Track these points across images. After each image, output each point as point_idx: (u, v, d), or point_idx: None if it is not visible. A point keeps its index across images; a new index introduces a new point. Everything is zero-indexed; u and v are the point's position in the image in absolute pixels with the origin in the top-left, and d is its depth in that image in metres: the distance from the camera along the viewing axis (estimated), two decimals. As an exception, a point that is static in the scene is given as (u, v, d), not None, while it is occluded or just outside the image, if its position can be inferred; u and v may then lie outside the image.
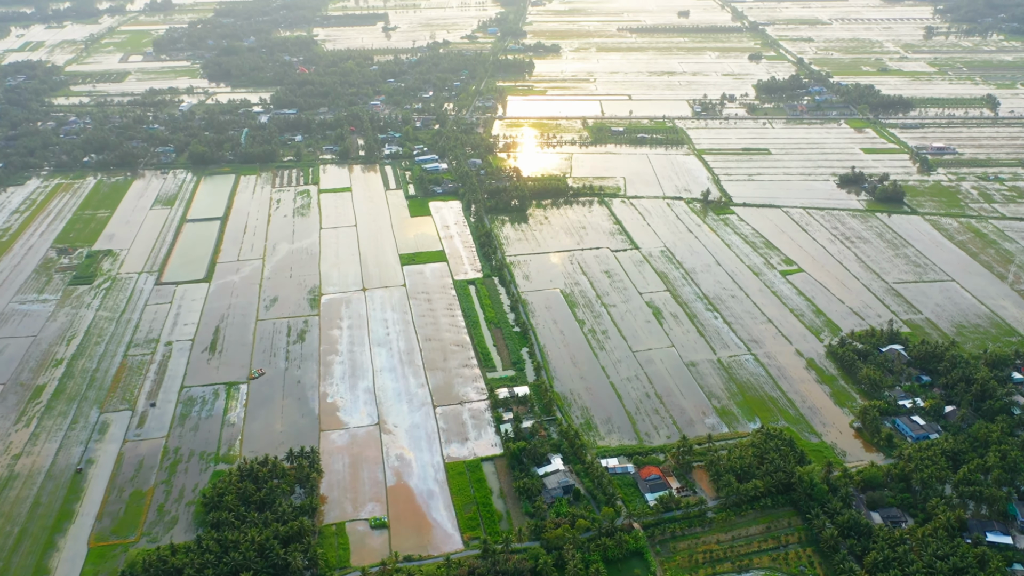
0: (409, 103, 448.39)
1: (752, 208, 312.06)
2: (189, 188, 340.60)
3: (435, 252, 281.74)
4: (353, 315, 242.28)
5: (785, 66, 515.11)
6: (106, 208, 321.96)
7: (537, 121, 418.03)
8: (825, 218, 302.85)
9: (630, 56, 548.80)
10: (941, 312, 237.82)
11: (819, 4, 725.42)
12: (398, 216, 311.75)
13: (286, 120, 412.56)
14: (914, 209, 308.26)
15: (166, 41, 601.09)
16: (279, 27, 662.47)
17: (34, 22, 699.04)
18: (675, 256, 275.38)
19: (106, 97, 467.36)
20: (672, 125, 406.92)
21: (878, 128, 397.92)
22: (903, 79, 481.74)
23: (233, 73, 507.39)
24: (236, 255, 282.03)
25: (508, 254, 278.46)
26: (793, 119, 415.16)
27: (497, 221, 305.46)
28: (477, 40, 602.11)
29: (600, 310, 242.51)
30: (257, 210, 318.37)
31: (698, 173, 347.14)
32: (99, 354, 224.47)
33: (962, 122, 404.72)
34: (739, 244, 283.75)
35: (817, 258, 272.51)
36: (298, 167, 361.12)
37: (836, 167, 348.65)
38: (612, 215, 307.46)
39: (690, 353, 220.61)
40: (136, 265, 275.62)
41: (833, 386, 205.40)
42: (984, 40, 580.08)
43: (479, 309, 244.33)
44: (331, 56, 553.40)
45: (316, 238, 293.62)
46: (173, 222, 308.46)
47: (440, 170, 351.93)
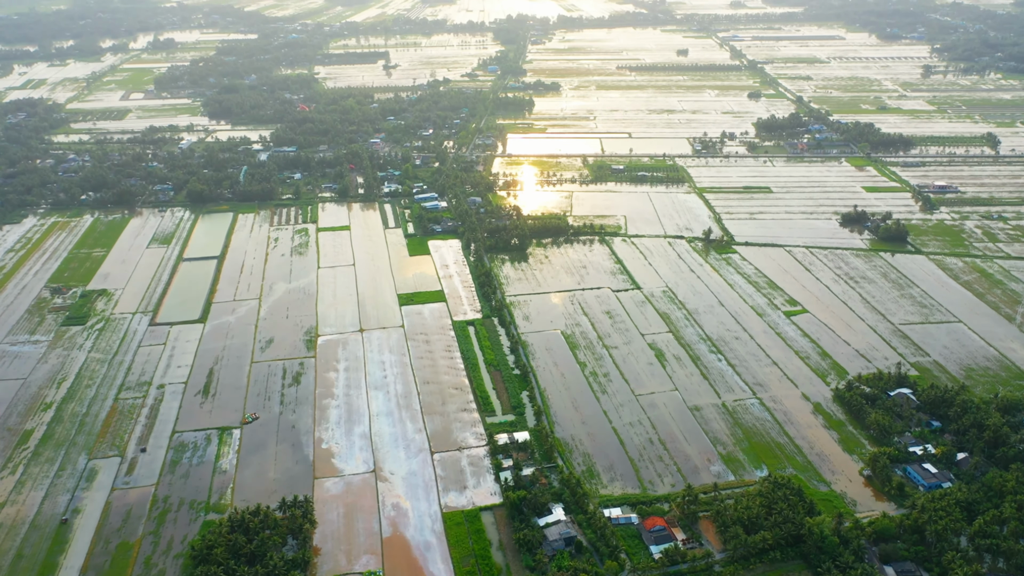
0: (409, 141, 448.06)
1: (754, 247, 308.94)
2: (186, 226, 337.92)
3: (434, 292, 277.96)
4: (350, 357, 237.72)
5: (784, 104, 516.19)
6: (102, 247, 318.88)
7: (537, 159, 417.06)
8: (828, 257, 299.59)
9: (630, 94, 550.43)
10: (949, 354, 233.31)
11: (817, 43, 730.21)
12: (397, 255, 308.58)
13: (285, 158, 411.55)
14: (918, 248, 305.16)
15: (167, 79, 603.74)
16: (280, 65, 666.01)
17: (37, 60, 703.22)
18: (677, 296, 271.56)
19: (106, 135, 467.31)
20: (672, 163, 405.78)
21: (879, 166, 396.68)
22: (902, 117, 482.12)
23: (233, 111, 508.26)
24: (232, 295, 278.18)
25: (508, 294, 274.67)
26: (794, 157, 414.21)
27: (497, 260, 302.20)
28: (477, 78, 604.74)
29: (602, 352, 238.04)
30: (254, 249, 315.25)
31: (699, 211, 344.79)
32: (90, 397, 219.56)
33: (963, 160, 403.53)
34: (742, 284, 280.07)
35: (821, 298, 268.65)
36: (297, 205, 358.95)
37: (838, 205, 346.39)
38: (613, 254, 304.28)
39: (694, 397, 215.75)
40: (130, 305, 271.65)
41: (841, 432, 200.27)
42: (982, 79, 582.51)
43: (478, 351, 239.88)
44: (332, 94, 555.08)
45: (314, 277, 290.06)
46: (169, 261, 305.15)
47: (439, 208, 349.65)
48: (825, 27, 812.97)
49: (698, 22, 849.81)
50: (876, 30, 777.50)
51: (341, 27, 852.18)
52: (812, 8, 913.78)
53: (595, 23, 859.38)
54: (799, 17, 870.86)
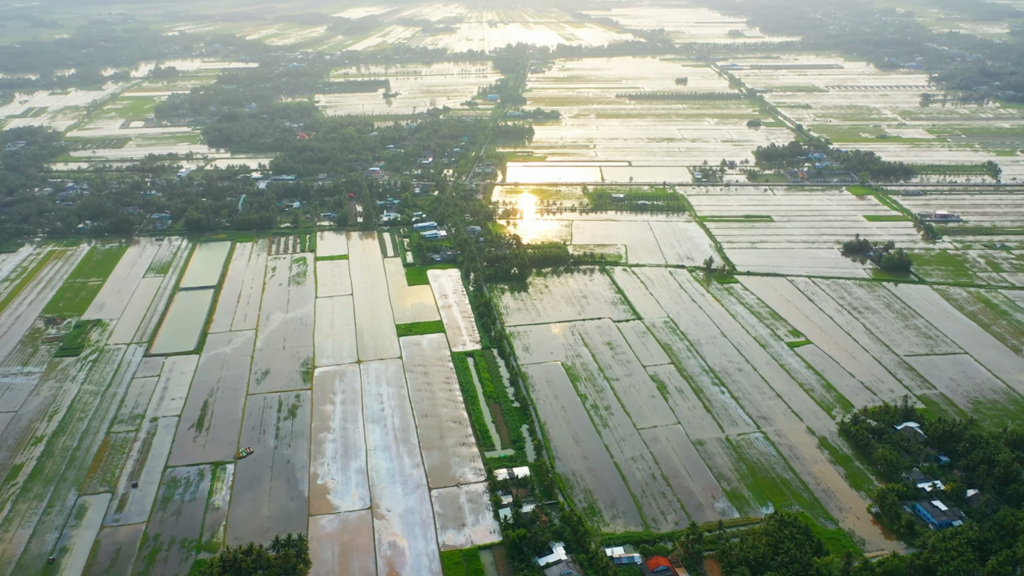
0: (408, 169, 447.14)
1: (756, 277, 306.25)
2: (184, 255, 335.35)
3: (433, 322, 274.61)
4: (347, 389, 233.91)
5: (784, 132, 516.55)
6: (98, 276, 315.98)
7: (537, 187, 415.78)
8: (831, 287, 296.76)
9: (629, 122, 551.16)
10: (956, 387, 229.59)
11: (815, 72, 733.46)
12: (395, 284, 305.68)
13: (284, 186, 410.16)
14: (921, 278, 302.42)
15: (168, 107, 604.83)
16: (281, 93, 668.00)
17: (39, 88, 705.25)
18: (679, 327, 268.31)
19: (105, 163, 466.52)
20: (673, 191, 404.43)
21: (880, 195, 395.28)
22: (902, 146, 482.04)
23: (233, 139, 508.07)
24: (228, 325, 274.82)
25: (508, 324, 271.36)
26: (794, 186, 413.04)
27: (496, 290, 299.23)
28: (477, 107, 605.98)
29: (603, 384, 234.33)
30: (252, 278, 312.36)
31: (700, 240, 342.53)
32: (81, 431, 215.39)
33: (964, 189, 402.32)
34: (744, 314, 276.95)
35: (825, 329, 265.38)
36: (295, 234, 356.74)
37: (840, 234, 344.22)
38: (614, 284, 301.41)
39: (697, 431, 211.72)
40: (125, 336, 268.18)
41: (848, 467, 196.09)
42: (980, 107, 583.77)
43: (478, 383, 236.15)
44: (332, 122, 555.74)
45: (311, 307, 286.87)
46: (166, 290, 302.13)
47: (439, 237, 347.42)
48: (823, 56, 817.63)
49: (696, 51, 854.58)
50: (874, 59, 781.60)
51: (342, 56, 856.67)
52: (809, 38, 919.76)
53: (594, 52, 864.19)
54: (797, 46, 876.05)
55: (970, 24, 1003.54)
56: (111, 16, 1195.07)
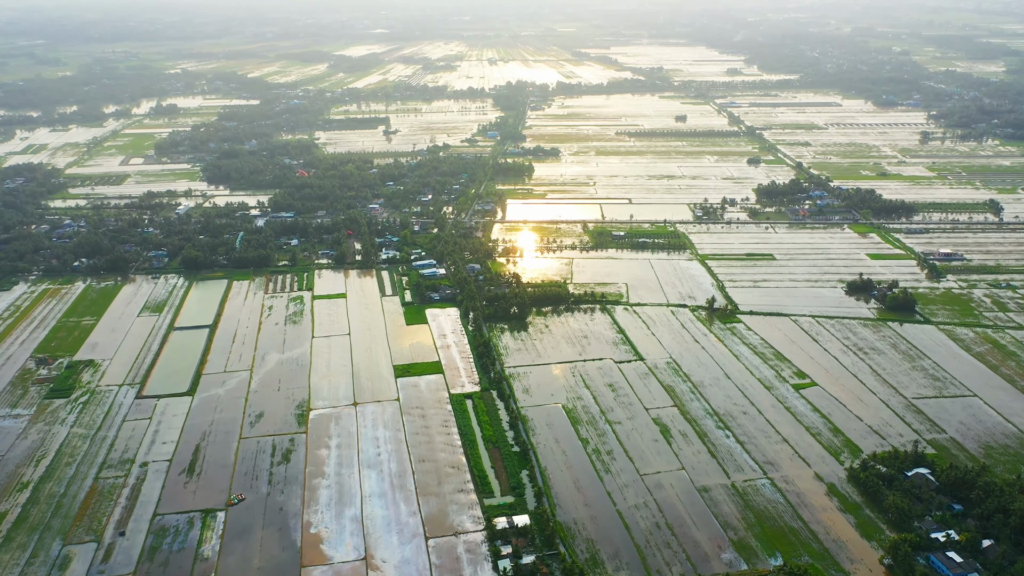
0: (408, 206, 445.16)
1: (759, 316, 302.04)
2: (180, 294, 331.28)
3: (431, 363, 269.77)
4: (343, 433, 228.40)
5: (784, 170, 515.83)
6: (92, 315, 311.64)
7: (537, 225, 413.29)
8: (836, 327, 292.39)
9: (629, 160, 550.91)
10: (966, 431, 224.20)
11: (814, 109, 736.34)
12: (393, 324, 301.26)
13: (283, 224, 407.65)
14: (927, 318, 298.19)
15: (168, 144, 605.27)
16: (281, 130, 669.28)
17: (40, 125, 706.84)
18: (682, 368, 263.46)
19: (103, 200, 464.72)
20: (673, 229, 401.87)
21: (882, 233, 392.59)
22: (903, 183, 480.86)
23: (232, 176, 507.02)
24: (223, 366, 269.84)
25: (507, 365, 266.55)
26: (796, 223, 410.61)
27: (496, 329, 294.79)
28: (477, 144, 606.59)
29: (604, 428, 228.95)
30: (248, 317, 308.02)
31: (702, 279, 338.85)
32: (69, 476, 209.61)
33: (967, 227, 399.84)
34: (748, 355, 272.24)
35: (830, 371, 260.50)
36: (293, 272, 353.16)
37: (843, 273, 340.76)
38: (615, 323, 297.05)
39: (702, 477, 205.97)
40: (117, 376, 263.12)
41: (858, 515, 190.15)
42: (980, 145, 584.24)
43: (476, 426, 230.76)
44: (331, 159, 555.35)
45: (307, 348, 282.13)
46: (160, 330, 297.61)
47: (438, 275, 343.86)
48: (821, 94, 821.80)
49: (695, 89, 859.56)
50: (872, 97, 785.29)
51: (343, 93, 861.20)
52: (807, 76, 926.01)
53: (593, 90, 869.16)
54: (795, 84, 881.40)
55: (966, 63, 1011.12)
56: (115, 54, 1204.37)
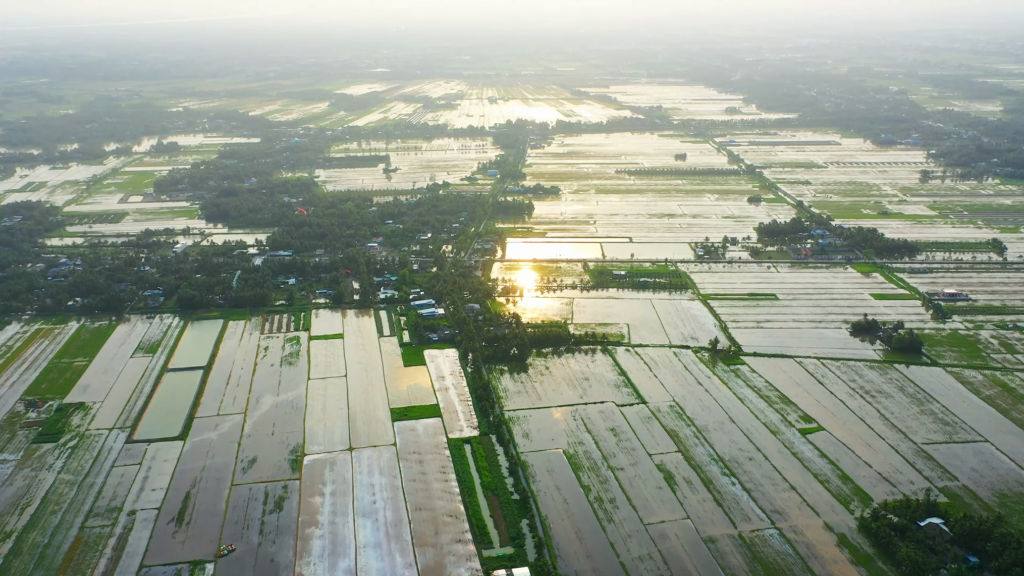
0: (407, 245, 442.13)
1: (763, 358, 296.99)
2: (174, 334, 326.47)
3: (429, 406, 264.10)
4: (337, 479, 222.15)
5: (785, 209, 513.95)
6: (84, 356, 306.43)
7: (537, 264, 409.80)
8: (841, 369, 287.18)
9: (629, 198, 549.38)
10: (979, 479, 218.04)
11: (813, 148, 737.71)
12: (391, 365, 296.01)
13: (280, 262, 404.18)
14: (934, 360, 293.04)
15: (167, 182, 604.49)
16: (281, 168, 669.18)
17: (40, 163, 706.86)
18: (685, 412, 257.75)
19: (100, 238, 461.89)
20: (675, 268, 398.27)
21: (886, 273, 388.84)
22: (905, 222, 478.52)
23: (231, 214, 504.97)
24: (216, 409, 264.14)
25: (507, 409, 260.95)
26: (798, 263, 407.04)
27: (495, 371, 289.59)
28: (477, 182, 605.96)
29: (607, 474, 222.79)
30: (243, 358, 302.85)
31: (704, 319, 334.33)
32: (54, 525, 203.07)
33: (971, 267, 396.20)
34: (753, 398, 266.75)
35: (837, 415, 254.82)
36: (289, 312, 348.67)
37: (847, 313, 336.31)
38: (616, 365, 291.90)
39: (707, 527, 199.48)
40: (108, 420, 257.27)
41: (870, 568, 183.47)
42: (980, 184, 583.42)
43: (475, 473, 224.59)
44: (331, 197, 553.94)
45: (303, 390, 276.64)
46: (153, 371, 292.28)
47: (436, 315, 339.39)
48: (820, 132, 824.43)
49: (694, 127, 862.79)
50: (871, 136, 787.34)
51: (343, 131, 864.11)
52: (806, 114, 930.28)
53: (593, 128, 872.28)
54: (793, 123, 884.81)
55: (963, 102, 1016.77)
56: (117, 92, 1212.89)
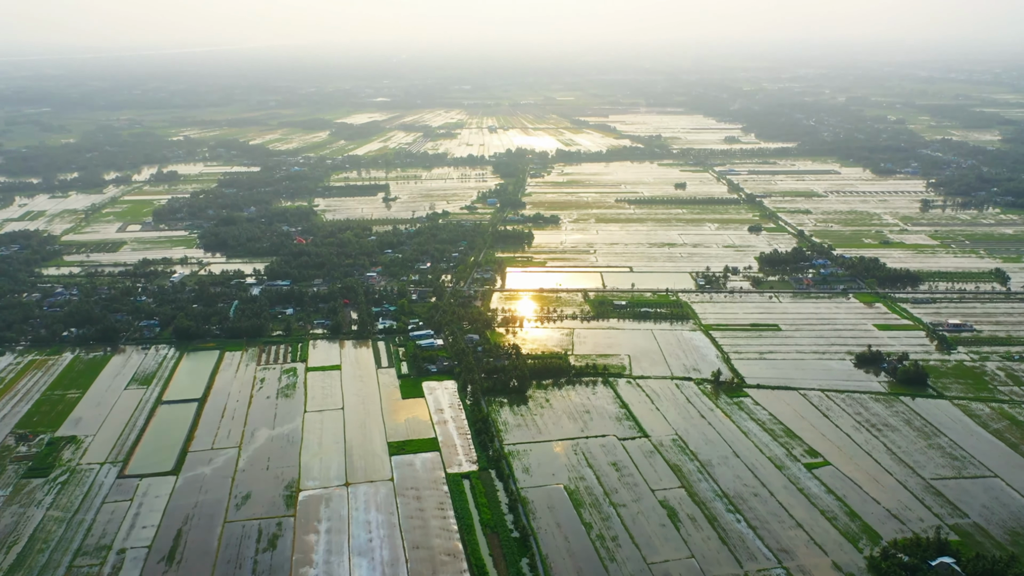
0: (406, 275, 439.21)
1: (767, 390, 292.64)
2: (169, 365, 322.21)
3: (427, 440, 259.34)
4: (333, 516, 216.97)
5: (786, 238, 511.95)
6: (78, 388, 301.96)
7: (537, 293, 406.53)
8: (846, 402, 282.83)
9: (629, 227, 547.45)
10: (990, 516, 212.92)
11: (813, 177, 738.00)
12: (388, 398, 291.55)
13: (278, 292, 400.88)
14: (940, 393, 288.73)
15: (166, 211, 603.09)
16: (281, 197, 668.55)
17: (39, 192, 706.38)
18: (688, 446, 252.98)
19: (98, 267, 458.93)
20: (676, 298, 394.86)
21: (889, 303, 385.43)
22: (907, 252, 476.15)
23: (229, 243, 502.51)
24: (210, 443, 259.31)
25: (507, 442, 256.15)
26: (800, 293, 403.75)
27: (495, 404, 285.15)
28: (476, 211, 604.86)
29: (609, 511, 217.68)
30: (239, 390, 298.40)
31: (706, 351, 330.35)
32: (40, 564, 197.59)
33: (974, 297, 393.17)
34: (757, 432, 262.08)
35: (843, 449, 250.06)
36: (287, 343, 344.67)
37: (851, 345, 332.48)
38: (618, 397, 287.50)
39: (713, 566, 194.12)
40: (100, 454, 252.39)
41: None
42: (981, 213, 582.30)
43: (474, 509, 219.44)
44: (330, 226, 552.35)
45: (299, 423, 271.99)
46: (147, 404, 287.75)
47: (435, 346, 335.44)
48: (819, 162, 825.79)
49: (694, 156, 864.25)
50: (870, 165, 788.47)
51: (343, 160, 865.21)
52: (805, 144, 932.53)
53: (593, 157, 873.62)
54: (793, 152, 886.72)
55: (961, 131, 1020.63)
56: (119, 121, 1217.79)
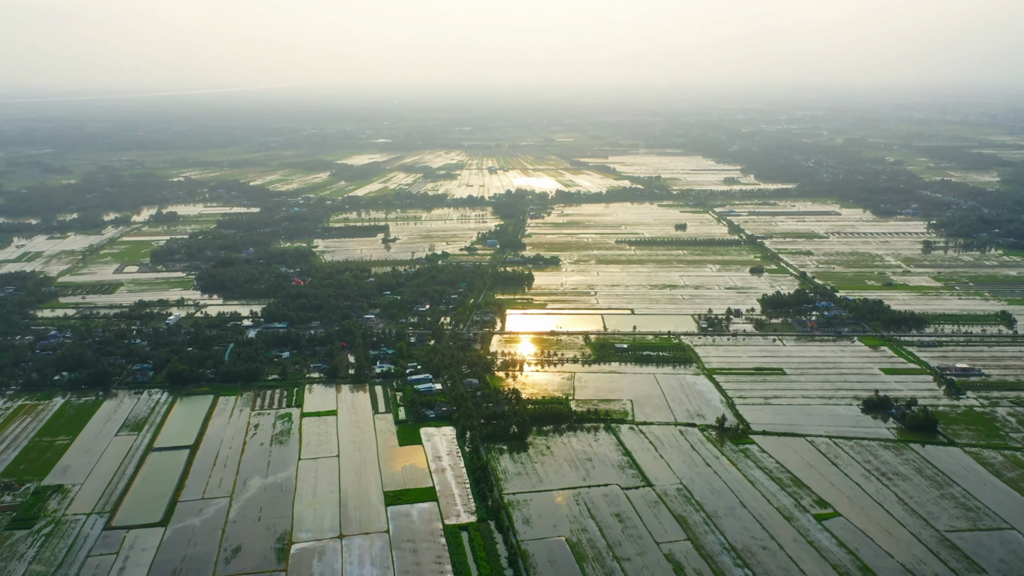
0: (405, 317, 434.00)
1: (773, 437, 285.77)
2: (162, 410, 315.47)
3: (424, 489, 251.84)
4: (326, 570, 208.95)
5: (788, 280, 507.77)
6: (67, 434, 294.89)
7: (537, 336, 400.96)
8: (855, 449, 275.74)
9: (630, 268, 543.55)
10: (1009, 571, 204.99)
11: (813, 218, 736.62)
12: (385, 445, 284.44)
13: (275, 335, 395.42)
14: (951, 440, 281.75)
15: (164, 252, 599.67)
16: (280, 238, 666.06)
17: (38, 233, 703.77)
18: (693, 496, 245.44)
19: (93, 309, 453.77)
20: (678, 342, 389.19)
21: (894, 346, 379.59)
22: (910, 294, 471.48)
23: (227, 285, 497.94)
24: (201, 492, 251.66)
25: (506, 492, 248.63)
26: (804, 336, 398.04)
27: (494, 451, 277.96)
28: (476, 252, 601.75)
29: (612, 565, 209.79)
30: (232, 437, 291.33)
31: (710, 395, 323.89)
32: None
33: (981, 340, 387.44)
34: (764, 481, 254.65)
35: (854, 499, 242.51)
36: (282, 387, 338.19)
37: (857, 389, 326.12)
38: (620, 444, 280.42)
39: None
40: (87, 504, 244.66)
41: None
42: (983, 255, 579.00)
43: (472, 563, 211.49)
44: (329, 267, 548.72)
45: (293, 471, 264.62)
46: (138, 451, 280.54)
47: (433, 391, 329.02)
48: (819, 203, 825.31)
49: (694, 197, 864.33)
50: (870, 206, 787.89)
51: (343, 201, 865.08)
52: (804, 185, 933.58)
53: (592, 198, 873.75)
54: (792, 193, 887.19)
55: (960, 172, 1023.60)
56: (120, 162, 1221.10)
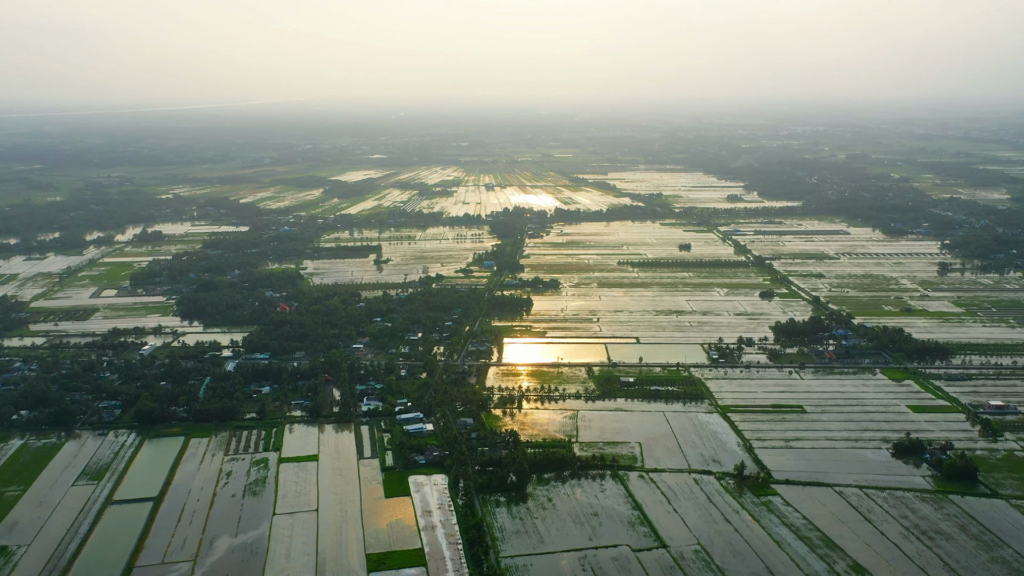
0: (395, 346, 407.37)
1: (797, 487, 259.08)
2: (127, 455, 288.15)
3: (412, 551, 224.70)
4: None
5: (800, 305, 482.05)
6: (20, 484, 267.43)
7: (536, 368, 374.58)
8: (888, 501, 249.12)
9: (634, 292, 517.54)
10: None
11: (821, 238, 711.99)
12: (370, 496, 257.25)
13: (255, 367, 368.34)
14: (994, 490, 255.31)
15: (145, 274, 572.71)
16: (268, 259, 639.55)
17: (16, 253, 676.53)
18: (714, 559, 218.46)
19: (64, 337, 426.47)
20: (688, 374, 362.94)
21: (920, 380, 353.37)
22: (931, 321, 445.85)
23: (208, 310, 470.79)
24: (162, 555, 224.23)
25: (503, 555, 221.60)
26: (822, 368, 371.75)
27: (490, 504, 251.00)
28: (472, 274, 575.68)
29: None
30: (200, 487, 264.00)
31: (725, 437, 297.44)
32: None
33: (1012, 373, 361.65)
34: (791, 540, 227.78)
35: (893, 563, 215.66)
36: (260, 427, 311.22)
37: (885, 430, 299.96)
38: (629, 496, 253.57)
39: None
40: (32, 569, 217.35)
41: None
42: (1003, 277, 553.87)
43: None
44: (317, 291, 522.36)
45: (266, 528, 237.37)
46: (95, 504, 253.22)
47: (424, 432, 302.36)
48: (826, 221, 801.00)
49: (697, 215, 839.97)
50: (879, 225, 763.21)
51: (335, 219, 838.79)
52: (810, 202, 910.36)
53: (593, 216, 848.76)
54: (798, 211, 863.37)
55: (968, 189, 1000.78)
56: (108, 179, 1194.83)
